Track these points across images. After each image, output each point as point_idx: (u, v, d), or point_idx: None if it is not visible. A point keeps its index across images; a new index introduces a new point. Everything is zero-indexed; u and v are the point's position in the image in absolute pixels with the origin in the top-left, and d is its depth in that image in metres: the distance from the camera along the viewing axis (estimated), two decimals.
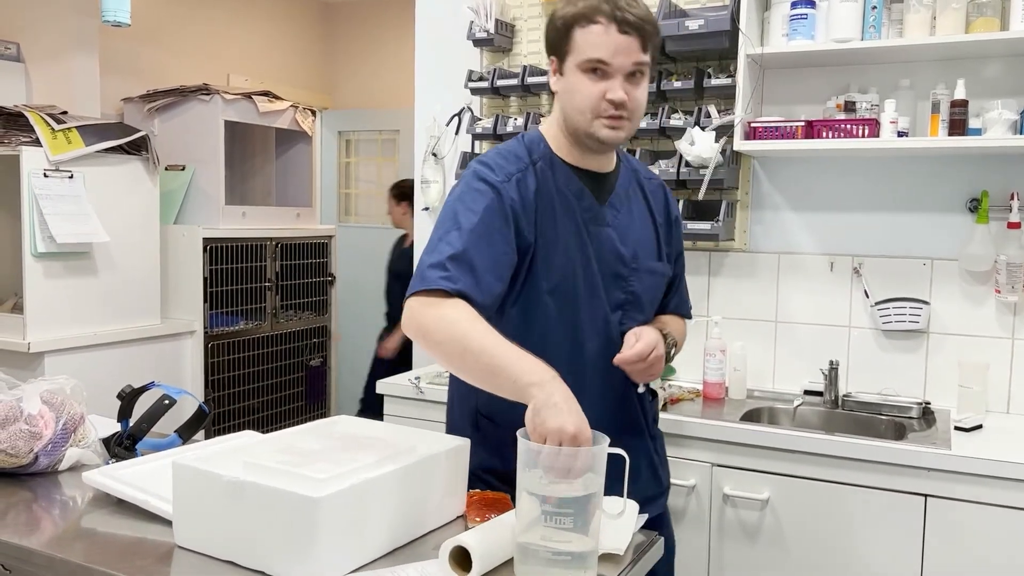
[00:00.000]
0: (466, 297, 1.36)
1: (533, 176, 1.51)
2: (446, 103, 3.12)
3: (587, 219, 1.54)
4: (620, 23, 1.43)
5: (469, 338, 1.31)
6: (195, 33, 4.38)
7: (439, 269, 1.38)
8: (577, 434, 1.17)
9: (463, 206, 1.45)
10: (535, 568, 1.18)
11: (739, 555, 2.22)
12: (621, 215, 1.59)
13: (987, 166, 2.42)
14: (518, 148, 1.55)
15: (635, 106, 1.48)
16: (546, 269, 1.51)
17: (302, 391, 4.14)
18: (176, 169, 3.62)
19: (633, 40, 1.44)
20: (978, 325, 2.45)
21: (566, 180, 1.54)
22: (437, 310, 1.35)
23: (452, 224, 1.43)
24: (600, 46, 1.43)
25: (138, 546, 1.27)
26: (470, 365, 1.32)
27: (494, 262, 1.42)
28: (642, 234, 1.62)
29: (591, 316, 1.55)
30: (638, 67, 1.46)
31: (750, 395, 2.59)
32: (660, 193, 1.70)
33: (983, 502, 1.96)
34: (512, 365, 1.27)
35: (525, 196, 1.48)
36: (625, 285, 1.58)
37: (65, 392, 1.63)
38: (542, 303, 1.52)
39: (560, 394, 1.22)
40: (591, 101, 1.46)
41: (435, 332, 1.35)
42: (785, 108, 2.62)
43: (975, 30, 2.23)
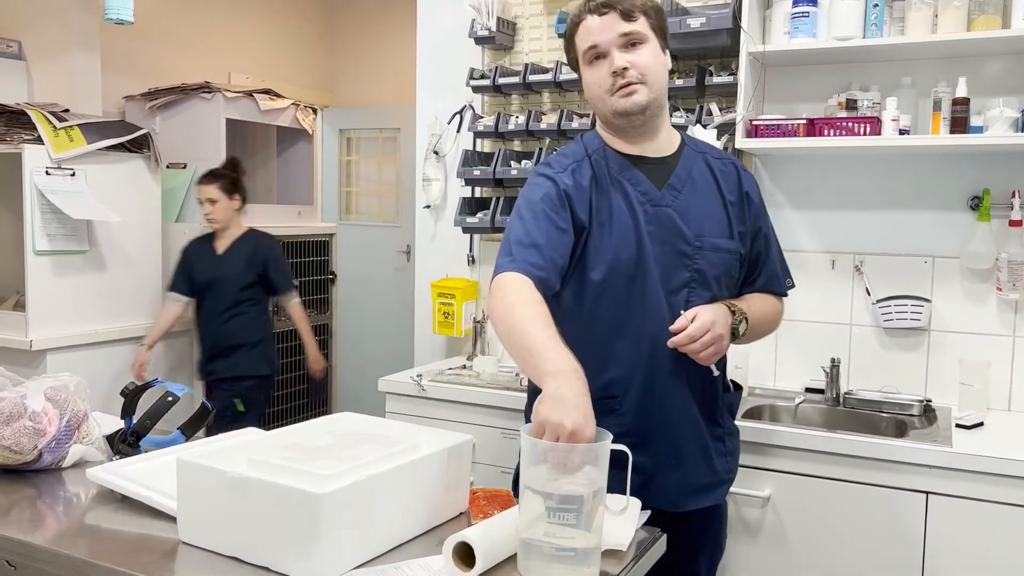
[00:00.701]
0: (530, 273, 1.45)
1: (588, 166, 1.60)
2: (447, 101, 3.12)
3: (643, 201, 1.59)
4: (594, 9, 1.54)
5: (515, 319, 1.38)
6: (196, 31, 4.38)
7: (507, 255, 1.50)
8: (575, 431, 1.17)
9: (524, 200, 1.58)
10: (538, 564, 1.18)
11: (741, 552, 2.23)
12: (683, 195, 1.61)
13: (988, 164, 2.43)
14: (575, 145, 1.66)
15: (643, 68, 1.54)
16: (599, 251, 1.56)
17: (304, 388, 4.15)
18: (177, 167, 3.62)
19: (611, 16, 1.52)
20: (979, 323, 2.46)
21: (620, 167, 1.61)
22: (503, 292, 1.45)
23: (516, 217, 1.56)
24: (587, 35, 1.55)
25: (142, 542, 1.27)
26: (513, 346, 1.39)
27: (555, 240, 1.51)
28: (708, 212, 1.63)
29: (646, 293, 1.57)
30: (627, 37, 1.53)
31: (751, 392, 2.60)
32: (731, 171, 1.69)
33: (984, 499, 1.97)
34: (539, 352, 1.31)
35: (579, 182, 1.58)
36: (689, 263, 1.59)
37: (69, 389, 1.64)
38: (593, 283, 1.57)
39: (570, 388, 1.22)
40: (599, 82, 1.56)
41: (496, 312, 1.44)
42: (786, 106, 2.62)
43: (977, 28, 2.23)
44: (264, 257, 3.38)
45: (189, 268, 3.35)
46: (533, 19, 2.97)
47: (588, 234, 1.57)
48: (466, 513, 1.41)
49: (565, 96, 2.93)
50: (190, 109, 3.60)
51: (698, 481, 1.64)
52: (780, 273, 1.77)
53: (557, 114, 2.77)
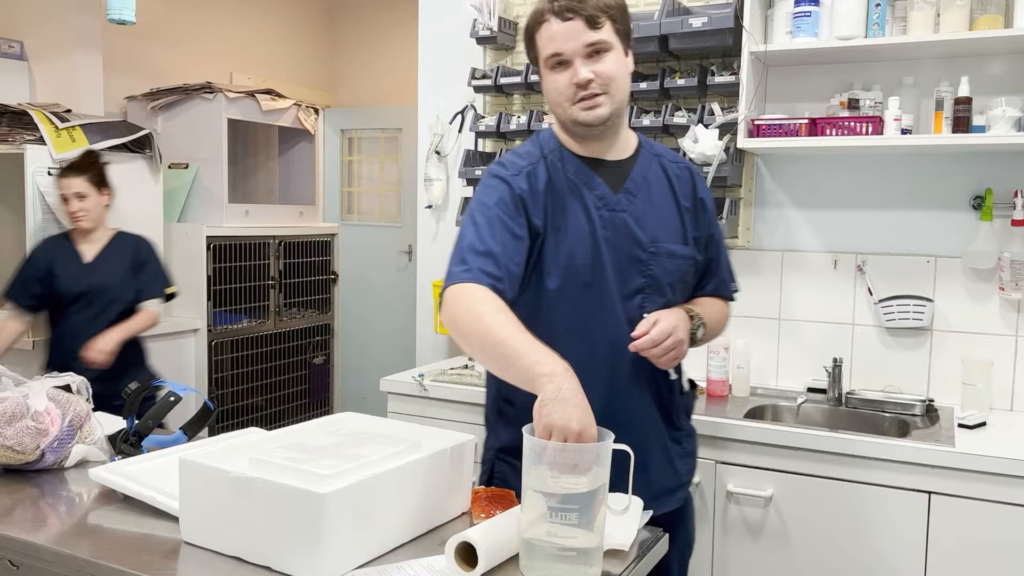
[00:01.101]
0: (485, 283, 1.42)
1: (544, 168, 1.57)
2: (449, 101, 3.12)
3: (599, 206, 1.56)
4: (559, 13, 1.48)
5: (489, 328, 1.35)
6: (198, 31, 4.38)
7: (461, 264, 1.46)
8: (581, 431, 1.17)
9: (478, 203, 1.53)
10: (540, 563, 1.18)
11: (743, 552, 2.22)
12: (638, 200, 1.60)
13: (991, 163, 2.42)
14: (531, 146, 1.62)
15: (607, 79, 1.50)
16: (555, 257, 1.54)
17: (305, 389, 4.15)
18: (179, 167, 3.63)
19: (577, 23, 1.48)
20: (982, 322, 2.45)
21: (576, 170, 1.58)
22: (464, 302, 1.41)
23: (470, 222, 1.52)
24: (550, 40, 1.50)
25: (145, 542, 1.27)
26: (489, 354, 1.36)
27: (510, 247, 1.48)
28: (663, 218, 1.62)
29: (603, 300, 1.56)
30: (592, 46, 1.49)
31: (753, 392, 2.60)
32: (686, 176, 1.69)
33: (987, 499, 1.96)
34: (526, 355, 1.29)
35: (535, 186, 1.54)
36: (644, 269, 1.58)
37: (71, 389, 1.64)
38: (549, 290, 1.55)
39: (569, 388, 1.22)
40: (561, 91, 1.52)
41: (463, 323, 1.40)
42: (788, 105, 2.62)
43: (979, 27, 2.23)
44: (143, 261, 2.88)
45: (44, 277, 2.76)
46: None
47: (543, 240, 1.54)
48: (468, 513, 1.41)
49: None
50: (192, 109, 3.61)
51: (662, 485, 1.64)
52: (728, 278, 1.79)
53: None
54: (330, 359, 4.28)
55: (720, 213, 2.54)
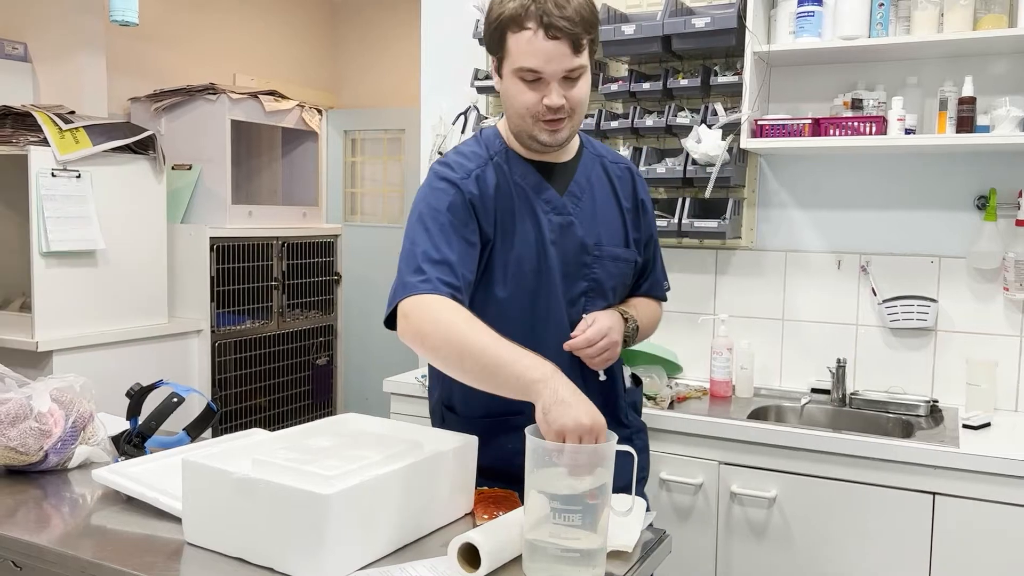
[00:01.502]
0: (446, 294, 1.40)
1: (492, 171, 1.54)
2: (452, 102, 3.12)
3: (547, 210, 1.55)
4: (547, 28, 1.39)
5: (466, 340, 1.32)
6: (201, 33, 4.38)
7: (418, 274, 1.42)
8: (593, 425, 1.18)
9: (427, 207, 1.49)
10: (543, 565, 1.18)
11: (746, 553, 2.22)
12: (583, 203, 1.59)
13: (995, 163, 2.42)
14: (476, 146, 1.59)
15: (575, 104, 1.47)
16: (503, 263, 1.52)
17: (309, 390, 4.15)
18: (183, 168, 3.63)
19: (563, 45, 1.40)
20: (986, 323, 2.45)
21: (523, 174, 1.56)
22: (429, 314, 1.37)
23: (420, 227, 1.48)
24: (530, 54, 1.41)
25: (148, 543, 1.27)
26: (469, 367, 1.33)
27: (465, 255, 1.47)
28: (606, 220, 1.61)
29: (550, 307, 1.55)
30: (571, 72, 1.43)
31: (757, 393, 2.59)
32: (627, 177, 1.68)
33: (992, 500, 1.96)
34: (513, 364, 1.28)
35: (484, 191, 1.51)
36: (587, 272, 1.58)
37: (74, 390, 1.64)
38: (498, 297, 1.53)
39: (565, 388, 1.22)
40: (528, 107, 1.46)
41: (431, 336, 1.36)
42: (792, 106, 2.62)
43: (983, 27, 2.22)
44: None
45: None
46: None
47: (492, 246, 1.52)
48: (471, 514, 1.41)
49: None
50: (195, 110, 3.60)
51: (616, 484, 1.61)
52: (661, 278, 1.79)
53: None
54: (333, 360, 4.28)
55: (723, 214, 2.54)
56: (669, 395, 2.39)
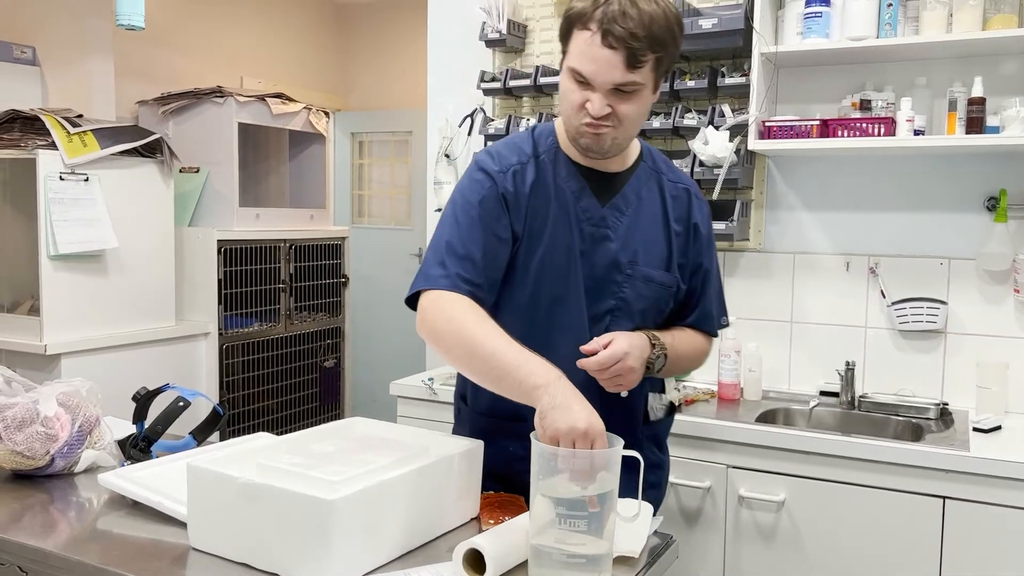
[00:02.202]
0: (463, 291, 1.39)
1: (533, 169, 1.49)
2: (459, 104, 3.11)
3: (583, 219, 1.49)
4: (605, 35, 1.32)
5: (477, 341, 1.32)
6: (209, 36, 4.40)
7: (440, 267, 1.41)
8: (588, 429, 1.17)
9: (462, 198, 1.47)
10: (549, 571, 1.17)
11: (754, 557, 2.21)
12: (625, 217, 1.52)
13: (1005, 164, 2.40)
14: (524, 140, 1.54)
15: (623, 118, 1.40)
16: (526, 264, 1.49)
17: (316, 392, 4.15)
18: (190, 171, 3.63)
19: (617, 55, 1.33)
20: (996, 325, 2.43)
21: (567, 177, 1.50)
22: (444, 312, 1.37)
23: (452, 219, 1.46)
24: (583, 57, 1.36)
25: (153, 548, 1.27)
26: (477, 368, 1.33)
27: (492, 252, 1.44)
28: (648, 240, 1.53)
29: (571, 318, 1.50)
30: (621, 87, 1.36)
31: (765, 396, 2.58)
32: (684, 199, 1.58)
33: (1002, 504, 1.94)
34: (518, 368, 1.27)
35: (519, 189, 1.47)
36: (616, 290, 1.51)
37: (81, 394, 1.64)
38: (517, 297, 1.50)
39: (565, 393, 1.21)
40: (573, 109, 1.42)
41: (445, 335, 1.36)
42: (800, 107, 2.60)
43: (992, 27, 2.21)
44: None
45: None
46: (544, 21, 2.97)
47: (519, 246, 1.48)
48: (477, 519, 1.41)
49: None
50: (203, 114, 3.61)
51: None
52: (715, 313, 1.66)
53: None
54: (341, 362, 4.28)
55: (731, 215, 2.53)
56: (677, 398, 2.38)
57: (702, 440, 2.23)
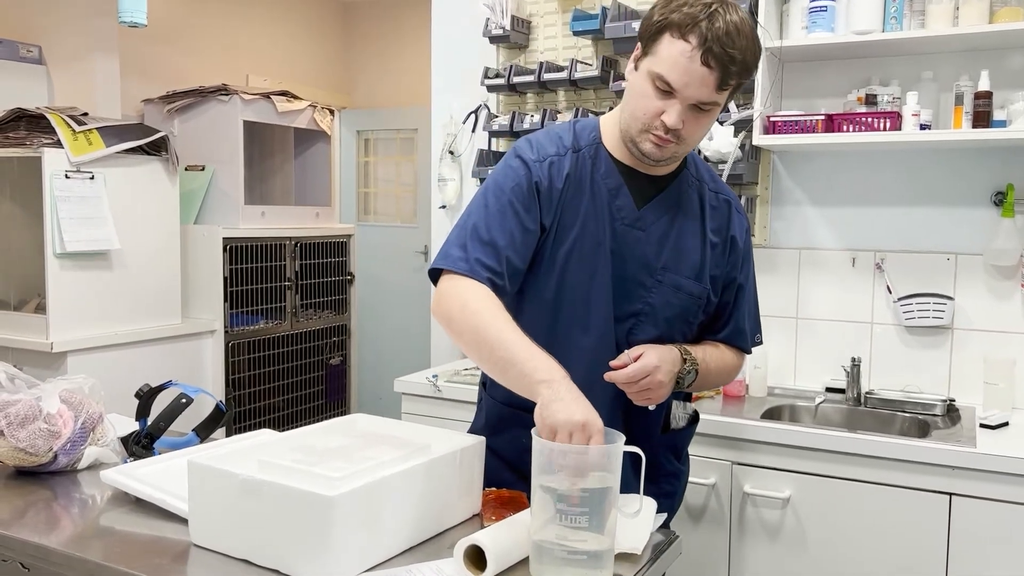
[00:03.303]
0: (481, 278, 1.38)
1: (570, 162, 1.47)
2: (463, 101, 3.11)
3: (617, 217, 1.47)
4: (706, 53, 1.31)
5: (487, 331, 1.32)
6: (214, 34, 4.40)
7: (462, 249, 1.41)
8: (586, 423, 1.16)
9: (494, 183, 1.47)
10: (550, 567, 1.17)
11: (759, 554, 2.20)
12: (660, 222, 1.49)
13: (1012, 159, 2.38)
14: (564, 132, 1.52)
15: (689, 134, 1.39)
16: (554, 256, 1.47)
17: (322, 389, 4.16)
18: (196, 169, 3.64)
19: (712, 75, 1.32)
20: (1004, 320, 2.41)
21: (606, 174, 1.48)
22: (459, 299, 1.37)
23: (482, 202, 1.45)
24: (675, 68, 1.33)
25: (155, 544, 1.27)
26: (486, 357, 1.34)
27: (517, 241, 1.43)
28: (682, 247, 1.51)
29: (595, 317, 1.48)
30: (704, 104, 1.36)
31: (771, 393, 2.57)
32: (724, 210, 1.56)
33: (1010, 501, 1.93)
34: (524, 362, 1.27)
35: (554, 180, 1.45)
36: (644, 295, 1.49)
37: (83, 391, 1.64)
38: (542, 289, 1.49)
39: (567, 391, 1.21)
40: (646, 114, 1.39)
41: (458, 322, 1.37)
42: (805, 102, 2.59)
43: (999, 20, 2.19)
44: None
45: None
46: (548, 17, 2.96)
47: (546, 237, 1.46)
48: (479, 515, 1.40)
49: (580, 95, 2.91)
50: (208, 112, 3.62)
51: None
52: (748, 329, 1.63)
53: (572, 112, 2.76)
54: (346, 360, 4.28)
55: None
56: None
57: (707, 437, 2.22)
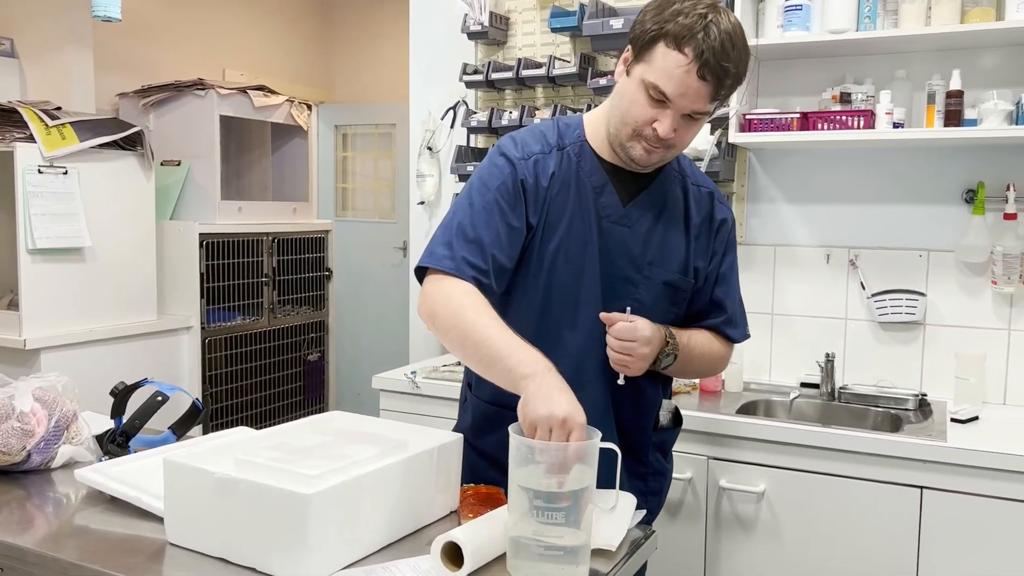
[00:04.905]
0: (466, 275, 1.38)
1: (554, 161, 1.47)
2: (441, 97, 3.11)
3: (602, 215, 1.48)
4: (702, 67, 1.32)
5: (472, 327, 1.32)
6: (190, 28, 4.36)
7: (447, 248, 1.41)
8: (567, 418, 1.17)
9: (479, 180, 1.47)
10: (527, 563, 1.17)
11: (735, 548, 2.22)
12: (646, 218, 1.50)
13: (983, 157, 2.42)
14: (549, 129, 1.52)
15: (678, 141, 1.41)
16: (542, 254, 1.48)
17: (300, 386, 4.14)
18: (172, 164, 3.61)
19: (706, 87, 1.33)
20: (974, 316, 2.45)
21: (591, 172, 1.49)
22: (444, 296, 1.37)
23: (467, 200, 1.45)
24: (670, 80, 1.34)
25: (131, 543, 1.27)
26: (470, 354, 1.34)
27: (503, 239, 1.43)
28: (667, 242, 1.52)
29: (582, 312, 1.49)
30: (696, 113, 1.37)
31: (747, 388, 2.59)
32: (707, 202, 1.57)
33: (979, 494, 1.96)
34: (508, 356, 1.27)
35: (539, 178, 1.46)
36: (632, 291, 1.50)
37: (57, 389, 1.63)
38: (531, 288, 1.49)
39: (551, 384, 1.21)
40: (637, 121, 1.39)
41: (442, 319, 1.37)
42: (780, 100, 2.61)
43: (971, 20, 2.22)
44: None
45: None
46: (526, 13, 2.96)
47: (532, 236, 1.46)
48: (456, 512, 1.41)
49: (558, 91, 2.91)
50: (184, 106, 3.58)
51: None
52: (739, 320, 1.64)
53: (551, 109, 2.76)
54: (325, 356, 4.27)
55: None
56: None
57: (684, 432, 2.22)
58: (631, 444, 1.57)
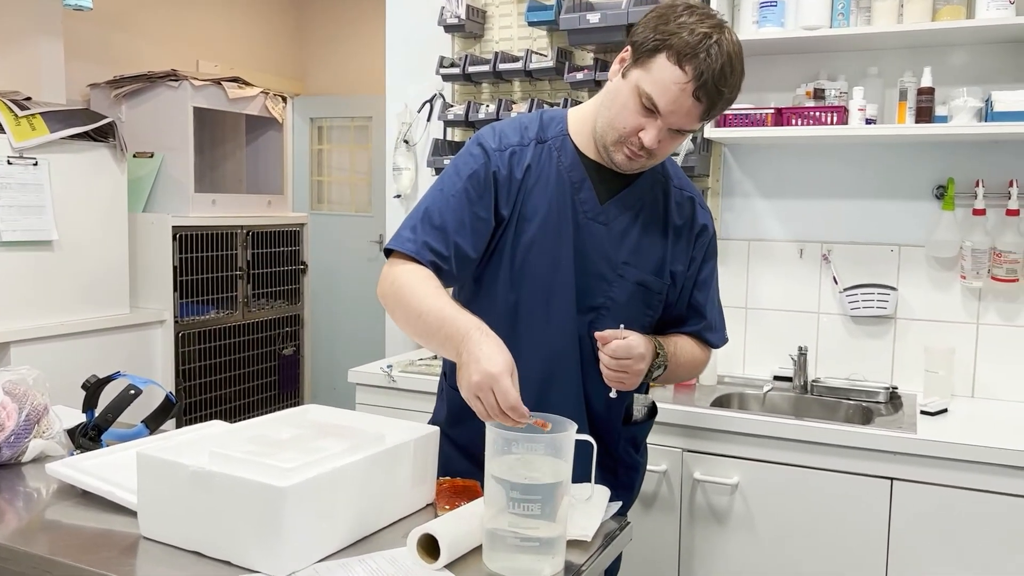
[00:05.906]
0: (425, 259, 1.39)
1: (532, 153, 1.47)
2: (418, 89, 3.10)
3: (580, 211, 1.47)
4: (699, 88, 1.31)
5: (416, 300, 1.33)
6: (163, 18, 4.31)
7: (411, 231, 1.43)
8: (498, 374, 1.18)
9: (454, 168, 1.47)
10: (503, 554, 1.18)
11: (708, 539, 2.24)
12: (623, 217, 1.49)
13: (953, 153, 2.45)
14: (531, 122, 1.51)
15: (662, 151, 1.41)
16: (514, 247, 1.47)
17: (275, 380, 4.11)
18: (144, 156, 3.57)
19: (698, 107, 1.33)
20: (944, 310, 2.49)
21: (570, 167, 1.48)
22: (400, 278, 1.38)
23: (438, 187, 1.46)
24: (665, 94, 1.33)
25: (103, 538, 1.26)
26: (417, 329, 1.35)
27: (468, 227, 1.43)
28: (645, 243, 1.51)
29: (555, 308, 1.48)
30: (683, 129, 1.37)
31: (720, 381, 2.61)
32: (688, 207, 1.56)
33: (948, 485, 2.00)
34: (445, 325, 1.28)
35: (513, 170, 1.45)
36: (606, 289, 1.50)
37: (28, 383, 1.61)
38: (502, 280, 1.49)
39: (478, 343, 1.22)
40: (625, 128, 1.39)
41: (389, 297, 1.39)
42: (755, 95, 2.63)
43: (941, 18, 2.25)
44: None
45: None
46: (503, 7, 2.96)
47: (505, 229, 1.46)
48: (433, 504, 1.41)
49: (535, 85, 2.92)
50: (157, 97, 3.54)
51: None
52: (718, 325, 1.65)
53: (528, 103, 2.76)
54: (300, 350, 4.24)
55: None
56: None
57: (659, 424, 2.24)
58: (601, 436, 1.56)
